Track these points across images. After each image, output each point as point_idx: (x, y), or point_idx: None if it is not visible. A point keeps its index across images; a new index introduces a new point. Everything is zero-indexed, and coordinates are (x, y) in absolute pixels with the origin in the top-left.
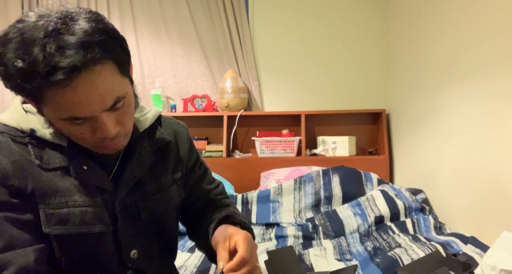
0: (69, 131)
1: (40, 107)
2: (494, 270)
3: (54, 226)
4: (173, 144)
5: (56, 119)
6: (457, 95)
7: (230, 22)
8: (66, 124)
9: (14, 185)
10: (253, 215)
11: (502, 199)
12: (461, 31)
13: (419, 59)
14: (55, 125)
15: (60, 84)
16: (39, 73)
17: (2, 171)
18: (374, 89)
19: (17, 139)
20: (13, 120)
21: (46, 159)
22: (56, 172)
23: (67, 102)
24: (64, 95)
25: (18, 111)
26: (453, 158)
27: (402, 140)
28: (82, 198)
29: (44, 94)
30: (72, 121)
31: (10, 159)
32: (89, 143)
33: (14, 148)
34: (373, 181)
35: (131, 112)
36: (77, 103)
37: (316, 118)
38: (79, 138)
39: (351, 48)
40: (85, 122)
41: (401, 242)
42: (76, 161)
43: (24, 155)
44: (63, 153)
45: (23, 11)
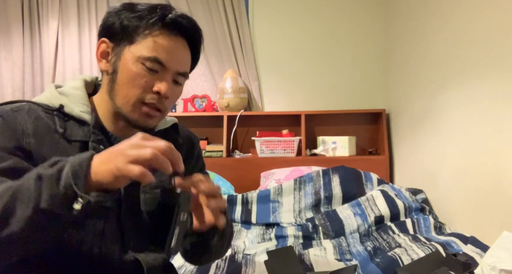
0: (134, 75)
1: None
2: (494, 270)
3: None
4: (183, 148)
5: (136, 59)
6: (457, 95)
7: (230, 22)
8: (140, 67)
9: (30, 143)
10: (253, 215)
11: (502, 199)
12: (461, 31)
13: (419, 59)
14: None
15: (169, 28)
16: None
17: (24, 129)
18: (374, 89)
19: (47, 111)
20: (45, 98)
21: (69, 131)
22: (75, 144)
23: (162, 45)
24: (164, 39)
25: (52, 92)
26: (453, 158)
27: (402, 140)
28: None
29: (148, 31)
30: (148, 66)
31: (35, 123)
32: (137, 96)
33: (42, 115)
34: (373, 181)
35: (176, 99)
36: (168, 50)
37: (316, 118)
38: (138, 84)
39: (351, 48)
40: (155, 74)
41: (401, 242)
42: (96, 139)
43: (49, 124)
44: (85, 129)
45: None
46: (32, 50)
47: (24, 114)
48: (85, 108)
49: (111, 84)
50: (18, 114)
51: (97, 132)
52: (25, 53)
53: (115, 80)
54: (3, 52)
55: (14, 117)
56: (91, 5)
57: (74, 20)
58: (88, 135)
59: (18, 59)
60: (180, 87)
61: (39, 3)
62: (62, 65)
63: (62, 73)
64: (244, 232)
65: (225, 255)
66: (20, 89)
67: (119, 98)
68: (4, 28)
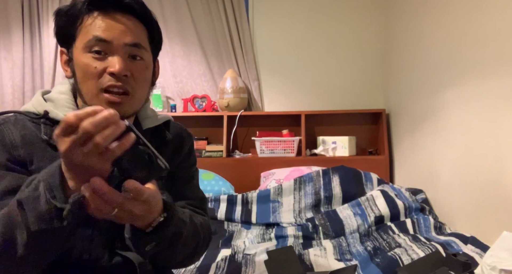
0: (86, 67)
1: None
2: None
3: None
4: (171, 145)
5: (81, 51)
6: (457, 95)
7: (230, 22)
8: (87, 58)
9: (20, 155)
10: (253, 215)
11: (502, 199)
12: (461, 31)
13: (419, 59)
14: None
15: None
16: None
17: (12, 140)
18: (374, 89)
19: (33, 120)
20: (31, 106)
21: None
22: None
23: (98, 25)
24: (98, 20)
25: (37, 99)
26: (453, 158)
27: (402, 140)
28: None
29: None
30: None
31: (21, 133)
32: (95, 86)
33: (28, 125)
34: (373, 181)
35: (144, 76)
36: (107, 26)
37: (316, 118)
38: (91, 73)
39: (351, 48)
40: (105, 57)
41: (401, 242)
42: None
43: (35, 132)
44: None
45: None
46: (32, 50)
47: (11, 126)
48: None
49: (75, 86)
50: (5, 127)
51: None
52: (25, 53)
53: (76, 81)
54: (3, 52)
55: (1, 131)
56: None
57: None
58: None
59: (18, 59)
60: (142, 62)
61: (39, 3)
62: None
63: (62, 73)
64: (244, 232)
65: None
66: (20, 89)
67: (85, 96)
68: (4, 28)
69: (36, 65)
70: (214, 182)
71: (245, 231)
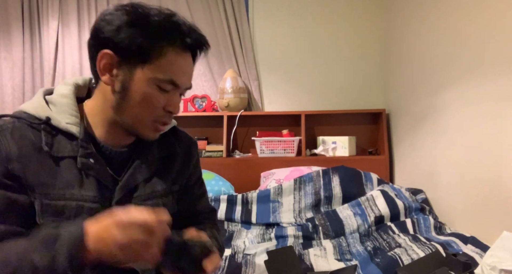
0: (149, 98)
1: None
2: (494, 270)
3: (48, 218)
4: (180, 157)
5: (150, 80)
6: (457, 95)
7: (230, 22)
8: (155, 89)
9: (15, 168)
10: (253, 215)
11: (502, 199)
12: (461, 31)
13: (419, 59)
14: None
15: (187, 48)
16: (178, 31)
17: (7, 153)
18: (374, 89)
19: (33, 125)
20: (32, 108)
21: (56, 146)
22: (63, 161)
23: (177, 66)
24: (179, 59)
25: (39, 100)
26: (453, 158)
27: (402, 140)
28: (80, 192)
29: (166, 52)
30: (162, 87)
31: (19, 144)
32: (150, 117)
33: (27, 133)
34: (373, 181)
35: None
36: (182, 71)
37: (316, 118)
38: (152, 105)
39: (351, 48)
40: (168, 93)
41: (401, 242)
42: (85, 153)
43: (35, 142)
44: (73, 143)
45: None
46: (32, 50)
47: (8, 135)
48: (73, 119)
49: (119, 101)
50: (1, 136)
51: (86, 145)
52: (25, 53)
53: (124, 99)
54: (3, 52)
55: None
56: (91, 5)
57: (74, 20)
58: (77, 150)
59: (18, 59)
60: (182, 96)
61: (39, 3)
62: (62, 65)
63: (62, 73)
64: (244, 232)
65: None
66: (20, 89)
67: (129, 116)
68: (4, 28)
69: (36, 65)
70: (214, 182)
71: (245, 231)
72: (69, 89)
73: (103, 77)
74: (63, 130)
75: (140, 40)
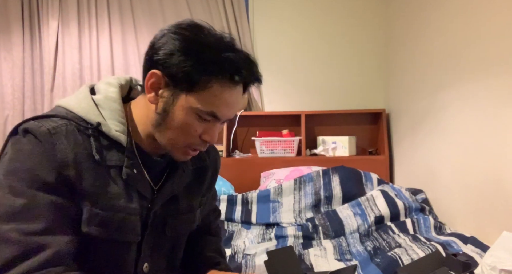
0: (186, 126)
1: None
2: (494, 270)
3: (94, 227)
4: (209, 169)
5: (191, 109)
6: (457, 95)
7: (230, 22)
8: (194, 117)
9: (70, 175)
10: (253, 215)
11: (502, 199)
12: (461, 31)
13: (419, 59)
14: (174, 114)
15: (236, 83)
16: (229, 67)
17: (64, 158)
18: (374, 89)
19: (81, 128)
20: (81, 109)
21: (104, 155)
22: (111, 170)
23: (221, 100)
24: (225, 93)
25: (88, 102)
26: (453, 158)
27: (402, 140)
28: (126, 203)
29: (211, 85)
30: (203, 117)
31: (74, 150)
32: (185, 142)
33: (79, 139)
34: (373, 181)
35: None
36: (226, 104)
37: (316, 118)
38: (188, 133)
39: (351, 48)
40: (208, 122)
41: (401, 242)
42: (130, 163)
43: (87, 148)
44: (120, 152)
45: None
46: (32, 50)
47: (63, 139)
48: (121, 127)
49: (159, 121)
50: (57, 139)
51: (131, 155)
52: (25, 53)
53: (164, 120)
54: (3, 52)
55: (52, 144)
56: (91, 5)
57: (74, 20)
58: (123, 159)
59: (18, 59)
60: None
61: (39, 3)
62: (62, 65)
63: (62, 73)
64: (244, 232)
65: None
66: (20, 89)
67: (164, 138)
68: (4, 28)
69: (36, 65)
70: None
71: (245, 231)
72: (116, 93)
73: (148, 95)
74: (111, 138)
75: (188, 70)
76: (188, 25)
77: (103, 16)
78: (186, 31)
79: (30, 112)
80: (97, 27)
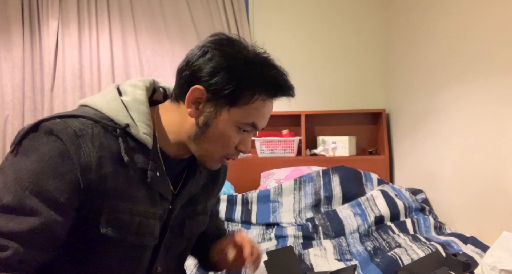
0: (226, 138)
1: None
2: (494, 270)
3: (112, 229)
4: (221, 171)
5: (233, 122)
6: (457, 95)
7: (230, 22)
8: (234, 130)
9: (92, 179)
10: (253, 215)
11: (502, 199)
12: (461, 31)
13: (419, 59)
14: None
15: (272, 97)
16: (273, 84)
17: (88, 162)
18: (374, 89)
19: (109, 129)
20: (110, 110)
21: (131, 157)
22: (135, 173)
23: (261, 112)
24: (265, 106)
25: (117, 103)
26: (453, 157)
27: (402, 140)
28: (145, 207)
29: (254, 100)
30: (245, 128)
31: (99, 153)
32: (221, 153)
33: (105, 141)
34: (373, 181)
35: None
36: (265, 116)
37: (316, 118)
38: (227, 144)
39: (351, 48)
40: (245, 133)
41: (401, 242)
42: (154, 165)
43: (113, 150)
44: (145, 154)
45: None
46: (32, 50)
47: (88, 142)
48: (148, 130)
49: (198, 135)
50: (82, 141)
51: (155, 158)
52: (25, 53)
53: (204, 133)
54: (3, 52)
55: (78, 146)
56: (91, 5)
57: (74, 20)
58: (147, 162)
59: (18, 59)
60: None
61: (39, 3)
62: (62, 65)
63: (62, 73)
64: (244, 232)
65: None
66: (20, 90)
67: (201, 149)
68: (4, 28)
69: (36, 65)
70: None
71: (245, 231)
72: (144, 95)
73: (189, 110)
74: (138, 140)
75: (233, 87)
76: (227, 41)
77: (103, 16)
78: (227, 47)
79: (30, 112)
80: (97, 27)
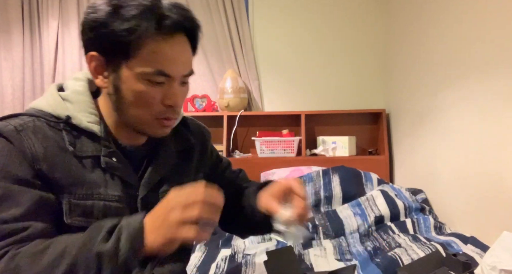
0: (141, 95)
1: (118, 63)
2: (494, 270)
3: (77, 218)
4: (196, 146)
5: (137, 76)
6: (457, 95)
7: (230, 22)
8: (144, 85)
9: (42, 169)
10: None
11: (502, 199)
12: (461, 31)
13: (419, 59)
14: (125, 88)
15: (168, 32)
16: (153, 16)
17: (34, 153)
18: (374, 89)
19: (52, 124)
20: (49, 106)
21: (79, 146)
22: (87, 160)
23: (162, 55)
24: (163, 46)
25: (54, 98)
26: (453, 157)
27: (402, 140)
28: (107, 191)
29: (144, 42)
30: (153, 80)
31: (44, 144)
32: (151, 114)
33: (49, 133)
34: (373, 181)
35: (185, 97)
36: (170, 58)
37: (316, 118)
38: (147, 103)
39: (351, 48)
40: (162, 85)
41: (401, 242)
42: (108, 152)
43: (58, 141)
44: (95, 142)
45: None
46: (32, 50)
47: (30, 134)
48: (93, 118)
49: (117, 103)
50: (24, 135)
51: (108, 144)
52: (25, 53)
53: (120, 100)
54: (3, 52)
55: (20, 140)
56: None
57: (74, 20)
58: (99, 149)
59: (18, 59)
60: (187, 85)
61: (39, 3)
62: (62, 65)
63: (62, 73)
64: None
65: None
66: (20, 89)
67: (129, 117)
68: (4, 28)
69: (36, 65)
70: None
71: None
72: (83, 86)
73: (96, 81)
74: (84, 130)
75: (116, 35)
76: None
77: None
78: (89, 10)
79: None
80: None
